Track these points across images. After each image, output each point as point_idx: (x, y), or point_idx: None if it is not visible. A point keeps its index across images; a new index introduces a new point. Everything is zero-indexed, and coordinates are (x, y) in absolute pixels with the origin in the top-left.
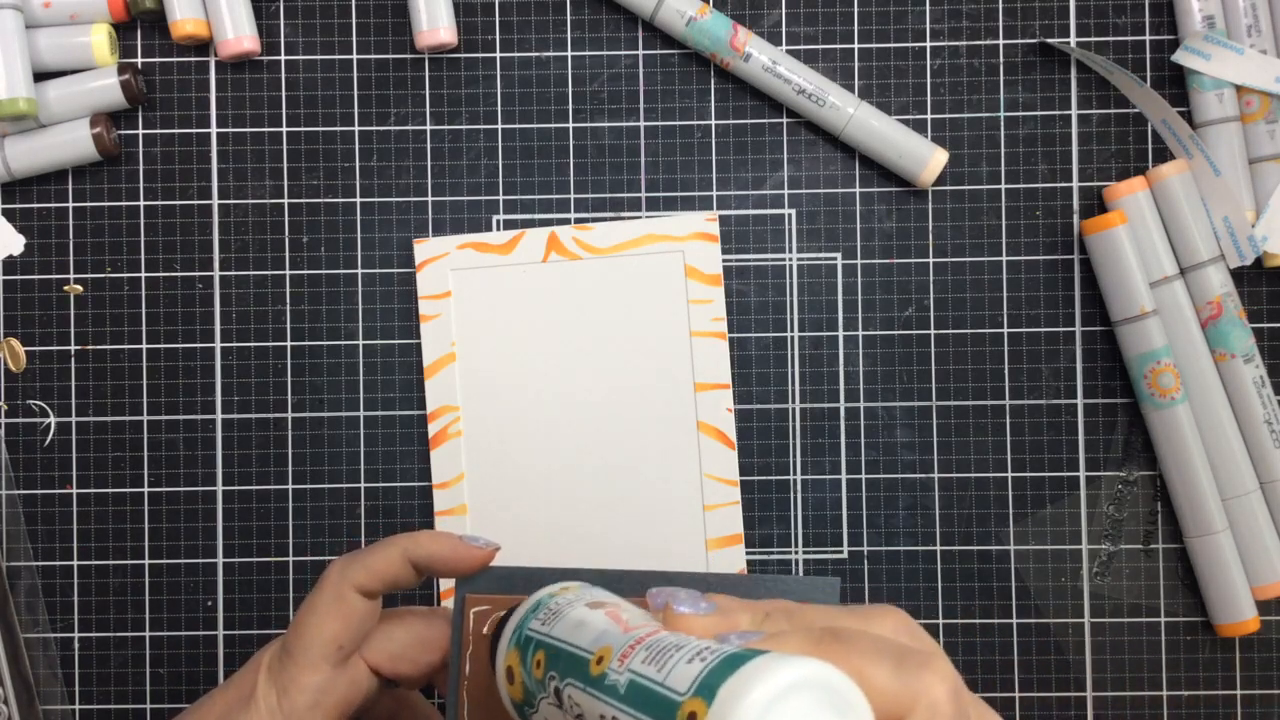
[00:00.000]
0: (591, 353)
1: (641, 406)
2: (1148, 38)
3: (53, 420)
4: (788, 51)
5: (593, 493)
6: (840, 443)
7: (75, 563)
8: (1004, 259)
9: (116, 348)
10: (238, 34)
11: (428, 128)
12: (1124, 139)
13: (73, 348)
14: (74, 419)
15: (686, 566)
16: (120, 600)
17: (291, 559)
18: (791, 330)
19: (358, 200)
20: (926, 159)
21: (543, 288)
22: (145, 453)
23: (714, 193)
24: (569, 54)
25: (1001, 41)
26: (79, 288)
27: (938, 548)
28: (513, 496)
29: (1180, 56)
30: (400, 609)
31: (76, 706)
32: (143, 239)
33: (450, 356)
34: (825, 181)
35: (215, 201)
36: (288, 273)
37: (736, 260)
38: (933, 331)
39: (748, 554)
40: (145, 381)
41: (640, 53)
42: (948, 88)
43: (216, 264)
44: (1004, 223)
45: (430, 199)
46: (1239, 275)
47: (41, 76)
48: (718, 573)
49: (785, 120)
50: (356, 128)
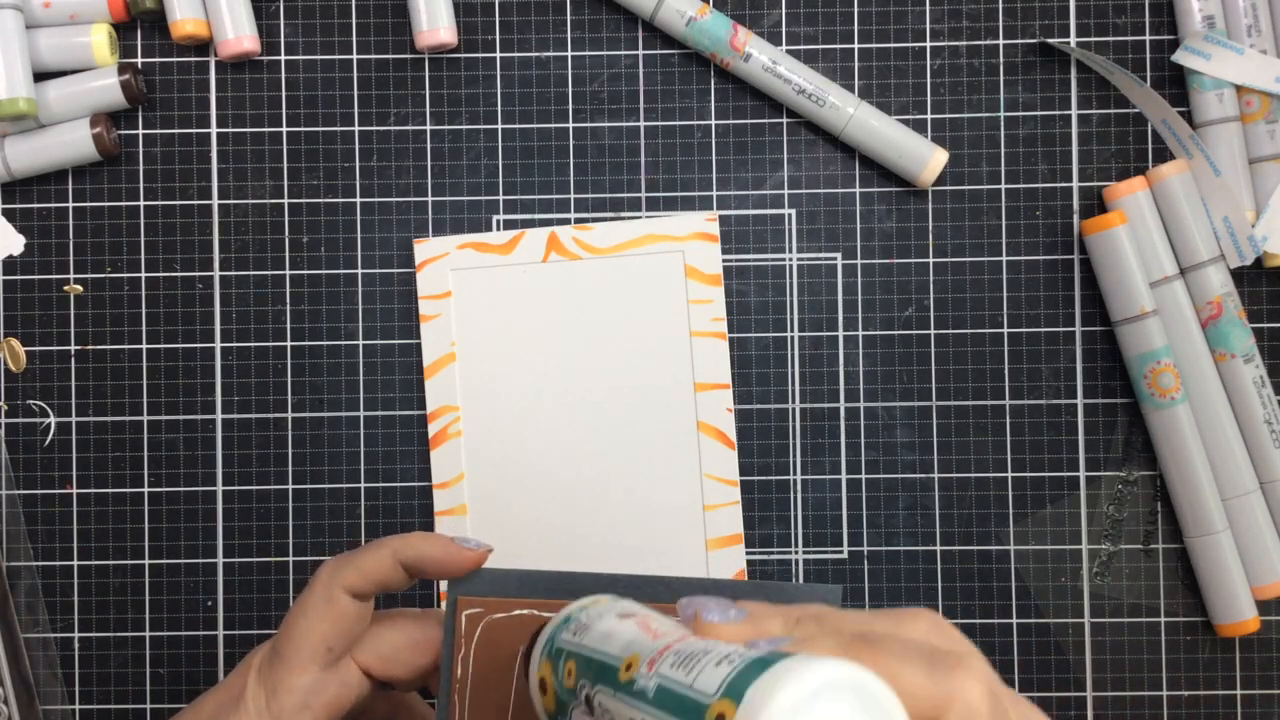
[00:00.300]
0: (591, 353)
1: (641, 406)
2: (1148, 38)
3: (53, 420)
4: (788, 51)
5: (593, 493)
6: (840, 443)
7: (75, 563)
8: (1004, 259)
9: (116, 348)
10: (238, 34)
11: (428, 128)
12: (1124, 139)
13: (73, 348)
14: (74, 419)
15: (687, 567)
16: (120, 600)
17: (291, 559)
18: (791, 330)
19: (358, 200)
20: (926, 159)
21: (543, 288)
22: (145, 453)
23: (714, 193)
24: (569, 54)
25: (1001, 41)
26: (79, 288)
27: (938, 548)
28: (513, 496)
29: (1180, 56)
30: (393, 610)
31: (76, 706)
32: (143, 239)
33: (450, 356)
34: (825, 181)
35: (215, 201)
36: (288, 273)
37: (736, 260)
38: (933, 331)
39: (748, 554)
40: (145, 381)
41: (640, 53)
42: (948, 88)
43: (216, 264)
44: (1004, 223)
45: (430, 199)
46: (1239, 275)
47: (41, 76)
48: (717, 579)
49: (785, 120)
50: (356, 128)
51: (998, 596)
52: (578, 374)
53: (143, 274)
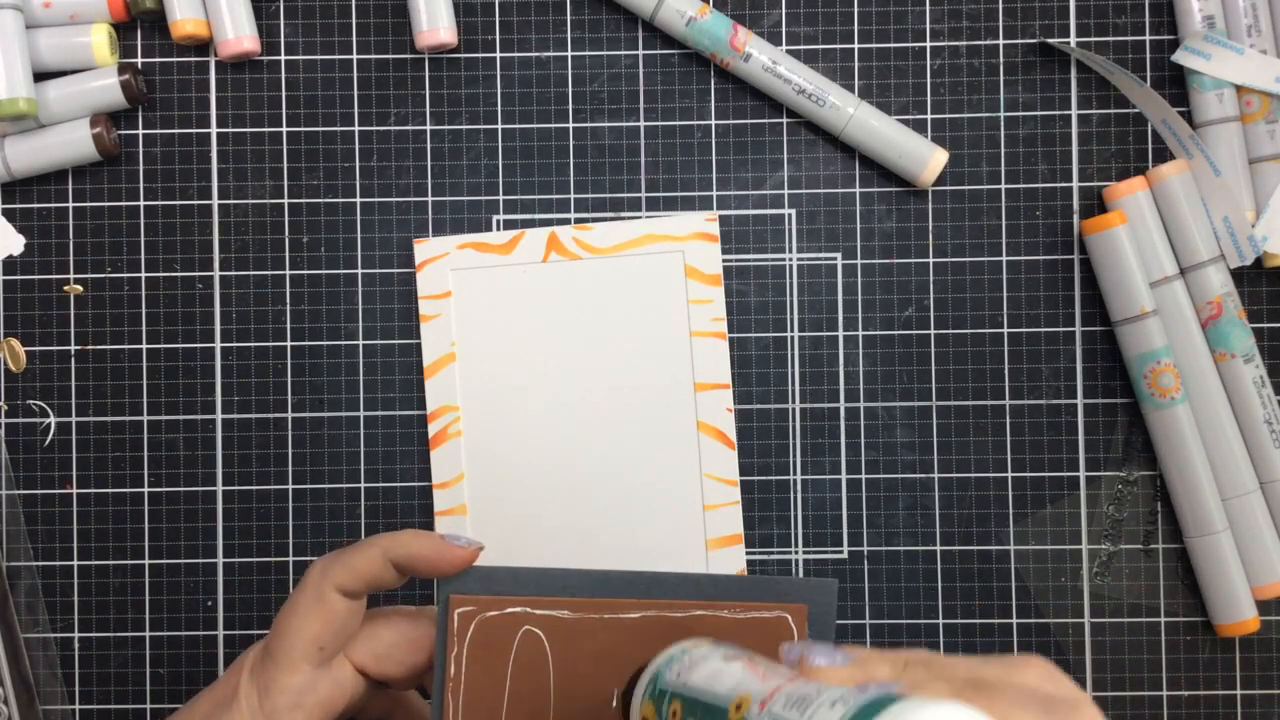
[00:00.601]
0: (591, 353)
1: (641, 406)
2: (1148, 38)
3: (53, 420)
4: (788, 51)
5: (593, 492)
6: (840, 443)
7: (75, 563)
8: (1004, 259)
9: (116, 348)
10: (238, 34)
11: (428, 128)
12: (1124, 139)
13: (73, 348)
14: (74, 419)
15: (686, 566)
16: (120, 600)
17: (291, 559)
18: (791, 330)
19: (358, 200)
20: (926, 159)
21: (543, 288)
22: (145, 453)
23: (714, 193)
24: (569, 54)
25: (1001, 41)
26: (79, 288)
27: (938, 548)
28: (513, 496)
29: (1180, 56)
30: (387, 608)
31: (76, 706)
32: (143, 239)
33: (450, 356)
34: (825, 181)
35: (215, 201)
36: (288, 273)
37: (736, 260)
38: (933, 331)
39: (748, 554)
40: (145, 381)
41: (640, 53)
42: (948, 88)
43: (216, 264)
44: (1004, 223)
45: (430, 199)
46: (1239, 275)
47: (41, 76)
48: (713, 574)
49: (785, 120)
50: (356, 128)
51: (998, 596)
52: (578, 374)
53: (143, 274)
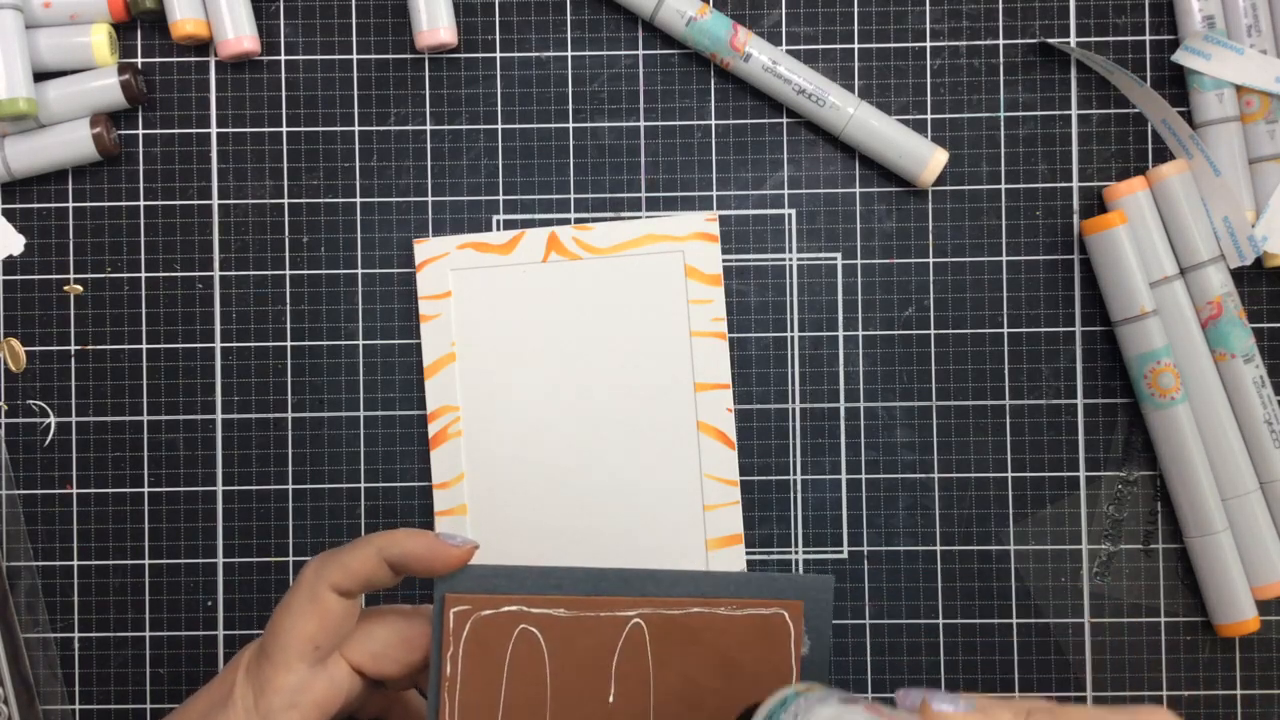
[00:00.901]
0: (591, 353)
1: (641, 406)
2: (1148, 38)
3: (53, 420)
4: (788, 51)
5: (593, 493)
6: (840, 443)
7: (75, 563)
8: (1004, 259)
9: (116, 348)
10: (238, 34)
11: (428, 128)
12: (1124, 139)
13: (73, 348)
14: (74, 419)
15: (686, 566)
16: (120, 600)
17: (291, 559)
18: (791, 330)
19: (358, 200)
20: (926, 159)
21: (543, 288)
22: (145, 453)
23: (714, 193)
24: (569, 54)
25: (1001, 41)
26: (79, 288)
27: (938, 548)
28: (513, 496)
29: (1180, 56)
30: (382, 607)
31: (76, 706)
32: (143, 239)
33: (450, 356)
34: (825, 181)
35: (215, 201)
36: (288, 273)
37: (736, 260)
38: (933, 331)
39: (748, 554)
40: (145, 381)
41: (640, 53)
42: (948, 88)
43: (216, 264)
44: (1004, 223)
45: (430, 199)
46: (1239, 275)
47: (41, 76)
48: (710, 571)
49: (785, 120)
50: (356, 128)
51: (998, 596)
52: (578, 374)
53: (143, 274)
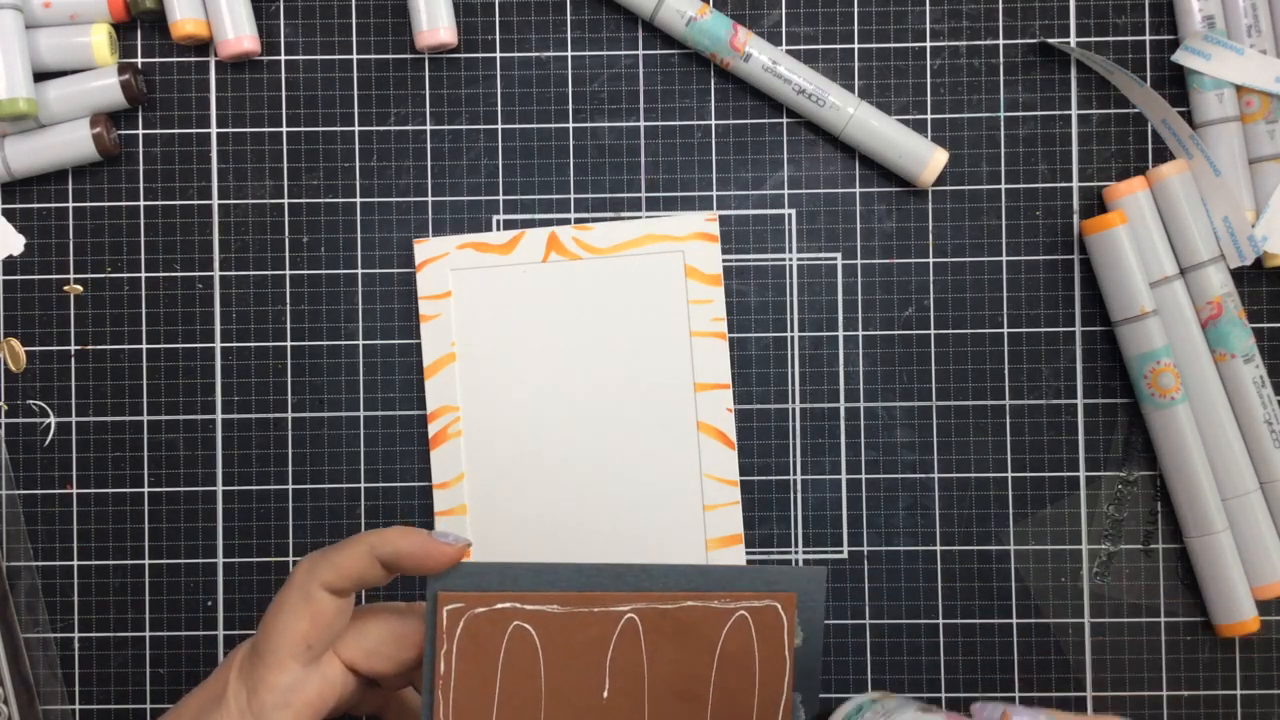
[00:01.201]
0: (591, 353)
1: (641, 406)
2: (1148, 38)
3: (53, 420)
4: (788, 51)
5: (593, 493)
6: (840, 443)
7: (75, 563)
8: (1004, 259)
9: (116, 348)
10: (238, 34)
11: (428, 128)
12: (1124, 139)
13: (73, 348)
14: (74, 419)
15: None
16: (120, 600)
17: (291, 559)
18: (791, 330)
19: (358, 200)
20: (926, 159)
21: (543, 288)
22: (145, 453)
23: (714, 193)
24: (569, 54)
25: (1001, 41)
26: (79, 288)
27: (938, 548)
28: (512, 496)
29: (1180, 56)
30: (376, 605)
31: (76, 706)
32: (143, 239)
33: (450, 356)
34: (825, 181)
35: (215, 201)
36: (288, 273)
37: (736, 260)
38: (933, 331)
39: (748, 554)
40: (145, 381)
41: (640, 53)
42: (948, 88)
43: (216, 264)
44: (1004, 223)
45: (430, 199)
46: (1239, 275)
47: (41, 76)
48: (702, 565)
49: (785, 120)
50: (356, 128)
51: (998, 596)
52: (578, 374)
53: (143, 274)
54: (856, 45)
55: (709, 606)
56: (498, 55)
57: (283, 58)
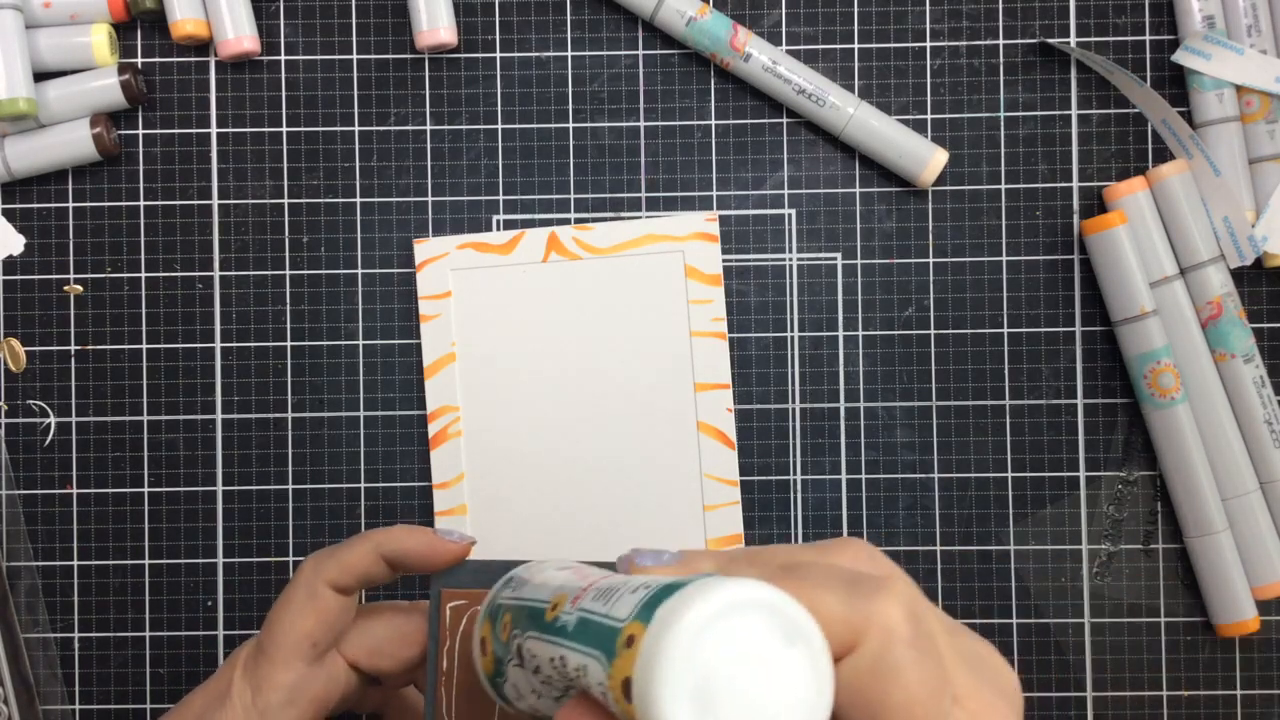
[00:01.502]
0: (591, 353)
1: (641, 406)
2: (1148, 38)
3: (53, 420)
4: (788, 51)
5: (593, 493)
6: (840, 443)
7: (75, 563)
8: (1004, 259)
9: (116, 348)
10: (238, 34)
11: (428, 128)
12: (1124, 139)
13: (73, 348)
14: (74, 419)
15: None
16: (120, 600)
17: (291, 559)
18: (791, 330)
19: (358, 200)
20: (926, 159)
21: (543, 288)
22: (145, 453)
23: (714, 193)
24: (569, 54)
25: (1001, 41)
26: (79, 288)
27: (938, 548)
28: (513, 496)
29: (1180, 56)
30: (379, 603)
31: (76, 706)
32: (143, 239)
33: (450, 356)
34: (825, 181)
35: (215, 201)
36: (288, 273)
37: (736, 260)
38: (933, 331)
39: None
40: (145, 381)
41: (640, 53)
42: (948, 88)
43: (216, 264)
44: (1004, 223)
45: (430, 199)
46: (1239, 275)
47: (41, 76)
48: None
49: (785, 120)
50: (356, 128)
51: (998, 596)
52: (578, 374)
53: (143, 274)
54: (856, 45)
55: None
56: (498, 55)
57: (283, 58)
